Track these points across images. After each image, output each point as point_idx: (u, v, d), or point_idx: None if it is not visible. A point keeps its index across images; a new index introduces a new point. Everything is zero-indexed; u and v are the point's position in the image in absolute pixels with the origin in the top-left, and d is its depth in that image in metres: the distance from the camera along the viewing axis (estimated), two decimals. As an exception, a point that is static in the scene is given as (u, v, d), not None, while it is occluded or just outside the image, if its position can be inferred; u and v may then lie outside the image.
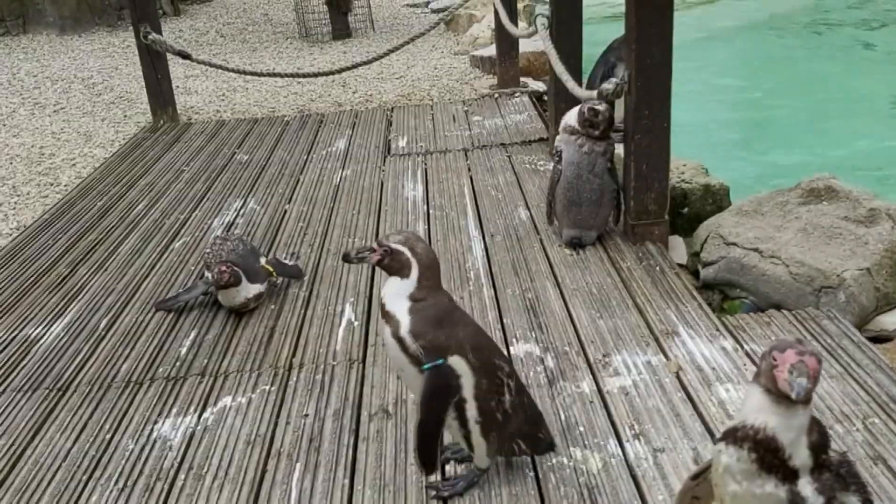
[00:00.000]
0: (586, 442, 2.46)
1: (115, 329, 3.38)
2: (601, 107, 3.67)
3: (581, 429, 2.52)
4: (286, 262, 3.75)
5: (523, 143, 5.40)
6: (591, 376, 2.79)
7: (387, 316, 2.14)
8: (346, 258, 2.19)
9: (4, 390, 2.98)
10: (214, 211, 4.65)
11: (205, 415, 2.74)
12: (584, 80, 4.87)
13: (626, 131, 3.76)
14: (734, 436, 1.68)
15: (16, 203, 5.36)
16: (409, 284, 2.12)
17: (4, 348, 3.29)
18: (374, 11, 10.67)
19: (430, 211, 4.40)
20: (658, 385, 2.73)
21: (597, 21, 5.52)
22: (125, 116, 7.22)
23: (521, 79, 6.77)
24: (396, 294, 2.13)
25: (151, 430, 2.68)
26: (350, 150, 5.55)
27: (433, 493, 2.28)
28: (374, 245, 2.15)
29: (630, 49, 3.58)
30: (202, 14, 12.21)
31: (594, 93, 3.81)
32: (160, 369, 3.05)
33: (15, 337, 3.38)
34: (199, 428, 2.68)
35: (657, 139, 3.64)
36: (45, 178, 5.77)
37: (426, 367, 2.09)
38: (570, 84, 4.14)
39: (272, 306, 3.47)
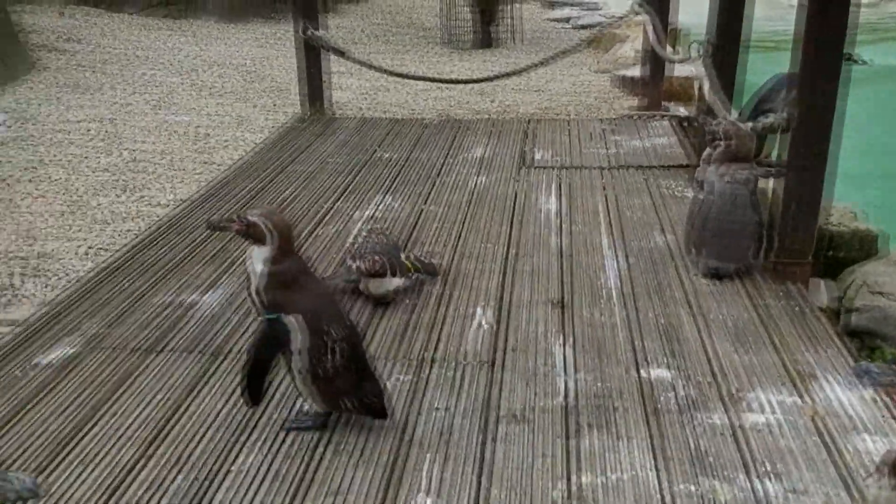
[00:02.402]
0: (716, 473, 2.46)
1: (263, 304, 3.59)
2: (719, 125, 3.75)
3: (711, 460, 2.52)
4: (424, 260, 3.88)
5: (663, 167, 5.37)
6: (724, 409, 2.77)
7: (247, 275, 2.59)
8: (210, 225, 2.69)
9: (164, 350, 3.23)
10: (356, 203, 4.85)
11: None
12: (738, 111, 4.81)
13: (779, 168, 3.70)
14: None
15: (173, 177, 5.74)
16: (266, 251, 2.55)
17: (165, 311, 3.56)
18: (518, 24, 10.79)
19: (564, 225, 4.45)
20: (793, 426, 2.69)
21: (756, 50, 5.42)
22: (275, 105, 7.61)
23: (665, 103, 6.73)
24: (256, 258, 2.56)
25: (294, 404, 2.84)
26: (487, 158, 5.67)
27: (285, 425, 2.71)
28: (235, 217, 2.58)
29: (795, 85, 3.52)
30: (351, 13, 12.66)
31: (749, 125, 3.78)
32: (303, 347, 3.23)
33: (174, 301, 3.65)
34: (337, 407, 2.82)
35: (811, 179, 3.57)
36: (201, 156, 6.16)
37: (263, 317, 2.55)
38: (723, 114, 4.10)
39: (408, 301, 3.61)
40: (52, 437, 2.67)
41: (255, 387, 2.55)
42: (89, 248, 4.53)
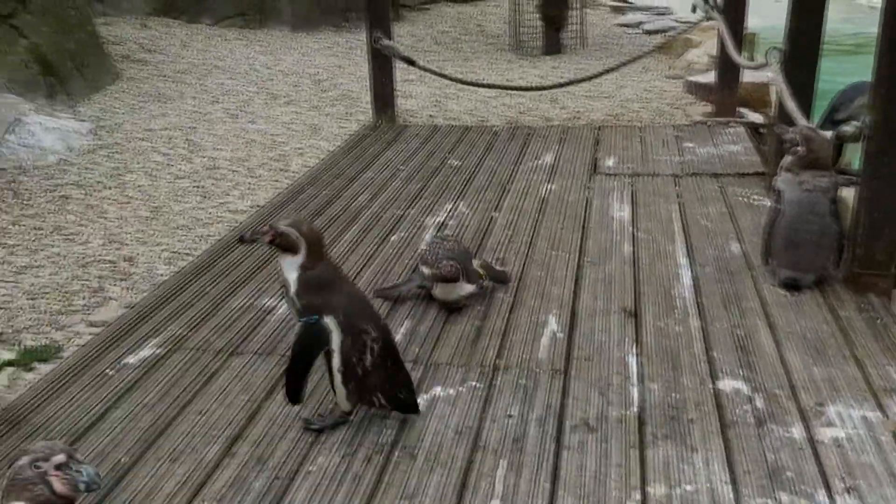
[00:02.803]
0: (794, 488, 2.42)
1: (338, 309, 3.68)
2: (797, 132, 3.71)
3: (789, 474, 2.49)
4: (495, 266, 3.91)
5: (738, 175, 5.28)
6: (802, 423, 2.73)
7: (284, 282, 2.71)
8: (242, 239, 2.75)
9: (243, 352, 3.34)
10: (428, 210, 4.92)
11: (418, 399, 2.94)
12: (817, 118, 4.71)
13: (859, 176, 3.62)
14: None
15: (250, 183, 5.91)
16: (298, 259, 2.66)
17: (244, 314, 3.67)
18: (586, 29, 10.73)
19: (637, 233, 4.43)
20: (874, 442, 2.63)
21: (832, 55, 5.30)
22: (347, 113, 7.75)
23: (738, 109, 6.61)
24: (290, 267, 2.68)
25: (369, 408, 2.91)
26: (557, 165, 5.67)
27: (306, 425, 2.80)
28: (266, 228, 2.67)
29: (875, 92, 3.44)
30: (420, 21, 12.78)
31: (828, 133, 3.70)
32: (377, 352, 3.30)
33: (252, 305, 3.77)
34: (412, 411, 2.88)
35: (891, 188, 3.47)
36: (276, 164, 6.33)
37: (301, 320, 2.66)
38: (801, 122, 4.02)
39: (479, 307, 3.65)
40: (141, 433, 2.80)
41: (296, 386, 2.70)
42: (172, 252, 4.71)
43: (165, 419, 2.88)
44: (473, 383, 3.06)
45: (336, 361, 2.66)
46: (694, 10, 6.51)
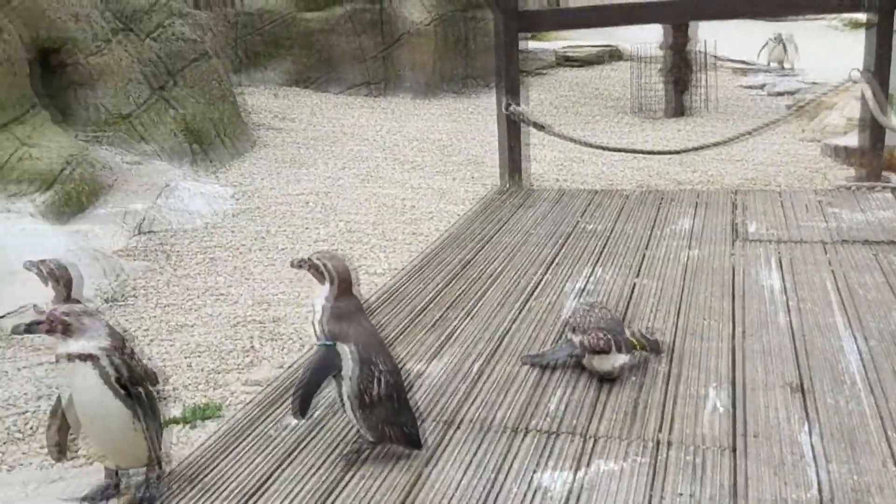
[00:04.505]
0: None
1: (489, 375, 3.68)
2: None
3: None
4: (648, 336, 3.82)
5: (892, 242, 5.02)
6: None
7: (313, 307, 2.98)
8: (291, 264, 3.05)
9: (399, 415, 3.36)
10: (566, 275, 4.89)
11: (580, 473, 2.88)
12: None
13: None
14: None
15: (386, 247, 6.06)
16: (326, 289, 2.96)
17: (395, 377, 3.71)
18: (710, 91, 10.62)
19: (791, 303, 4.25)
20: None
21: None
22: (473, 177, 7.89)
23: (885, 173, 6.33)
24: (319, 296, 2.97)
25: (532, 478, 2.86)
26: (695, 230, 5.55)
27: (346, 456, 3.04)
28: (305, 259, 3.00)
29: None
30: (538, 86, 12.98)
31: None
32: (533, 421, 3.26)
33: (403, 368, 3.78)
34: (576, 485, 2.81)
35: None
36: (409, 227, 6.47)
37: (319, 343, 2.92)
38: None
39: (634, 378, 3.56)
40: (309, 495, 2.84)
41: (305, 402, 2.91)
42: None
43: (331, 482, 2.91)
44: (637, 458, 2.96)
45: (346, 388, 2.90)
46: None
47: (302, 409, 2.91)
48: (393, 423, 2.94)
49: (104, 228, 6.36)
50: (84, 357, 2.60)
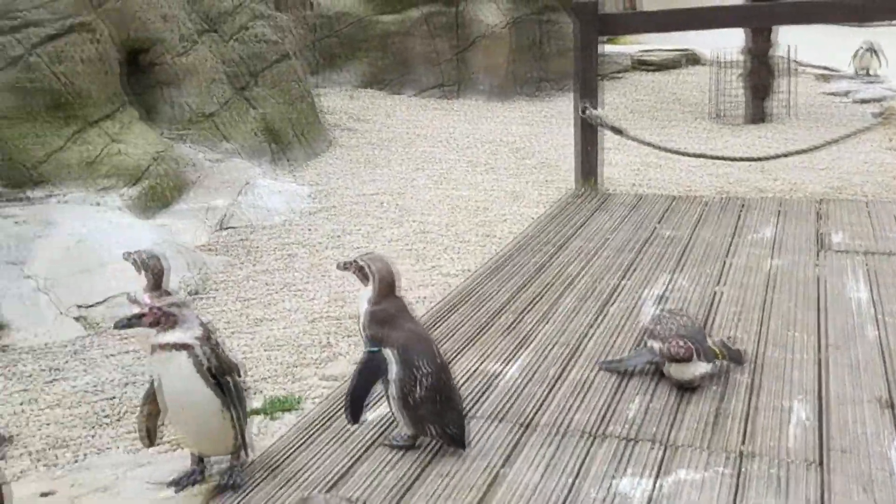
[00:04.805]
0: None
1: (565, 379, 3.66)
2: None
3: None
4: (729, 345, 3.75)
5: None
6: None
7: (358, 310, 3.06)
8: (338, 265, 3.13)
9: (476, 416, 3.38)
10: (644, 282, 4.82)
11: (660, 482, 2.84)
12: None
13: None
14: None
15: (459, 248, 6.09)
16: (369, 291, 3.02)
17: (471, 378, 3.73)
18: (792, 97, 10.34)
19: (880, 316, 4.10)
20: None
21: None
22: (547, 181, 7.86)
23: (982, 183, 6.07)
24: (363, 298, 3.04)
25: (611, 484, 2.84)
26: (778, 239, 5.41)
27: (382, 441, 3.15)
28: (350, 261, 3.09)
29: None
30: (613, 89, 12.83)
31: None
32: (611, 427, 3.23)
33: (478, 370, 3.81)
34: (657, 493, 2.78)
35: None
36: (482, 229, 6.48)
37: (366, 350, 2.99)
38: None
39: (715, 387, 3.49)
40: (388, 492, 2.87)
41: (355, 408, 3.02)
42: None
43: (409, 479, 2.94)
44: (720, 469, 2.90)
45: (392, 390, 2.97)
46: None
47: (354, 415, 3.02)
48: (435, 422, 2.99)
49: (187, 223, 6.56)
50: (180, 347, 2.69)
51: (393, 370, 2.94)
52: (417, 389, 2.94)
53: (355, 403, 3.02)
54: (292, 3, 12.17)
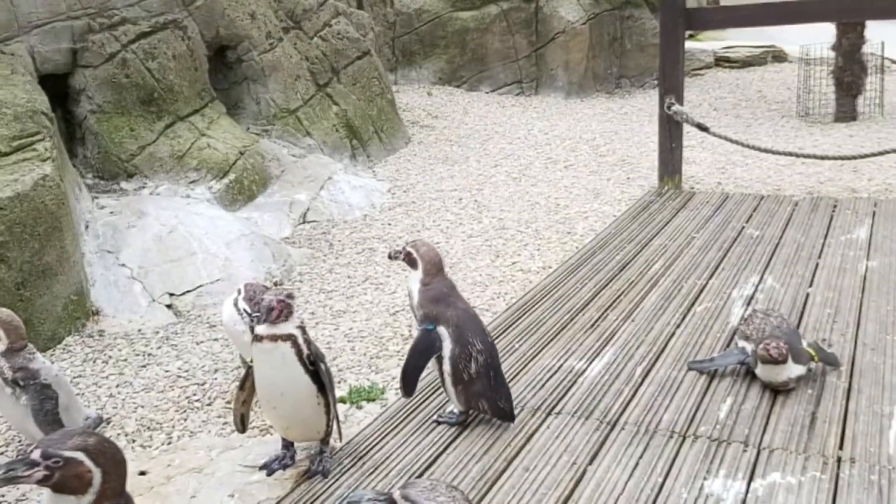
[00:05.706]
0: None
1: (652, 378, 3.60)
2: None
3: None
4: (824, 348, 3.63)
5: None
6: None
7: (409, 292, 3.22)
8: (389, 255, 3.29)
9: (560, 412, 3.36)
10: (731, 282, 4.71)
11: (754, 484, 2.77)
12: None
13: None
14: None
15: (538, 244, 6.05)
16: (419, 274, 3.18)
17: (555, 374, 3.71)
18: (884, 95, 9.92)
19: None
20: None
21: None
22: (628, 178, 7.73)
23: None
24: (413, 281, 3.20)
25: (702, 485, 2.79)
26: (873, 241, 5.20)
27: (434, 418, 3.28)
28: (398, 250, 3.25)
29: None
30: (694, 87, 12.54)
31: None
32: (701, 427, 3.17)
33: (562, 366, 3.79)
34: (750, 496, 2.72)
35: None
36: (562, 226, 6.43)
37: (420, 328, 3.13)
38: None
39: (809, 391, 3.39)
40: (473, 482, 2.88)
41: (410, 382, 3.13)
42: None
43: (494, 472, 2.95)
44: (816, 474, 2.82)
45: (446, 366, 3.09)
46: None
47: (407, 389, 3.17)
48: (489, 397, 3.12)
49: (271, 216, 6.70)
50: (286, 337, 2.78)
51: (447, 347, 3.06)
52: (472, 365, 3.07)
53: (410, 378, 3.14)
54: (373, 1, 12.30)
